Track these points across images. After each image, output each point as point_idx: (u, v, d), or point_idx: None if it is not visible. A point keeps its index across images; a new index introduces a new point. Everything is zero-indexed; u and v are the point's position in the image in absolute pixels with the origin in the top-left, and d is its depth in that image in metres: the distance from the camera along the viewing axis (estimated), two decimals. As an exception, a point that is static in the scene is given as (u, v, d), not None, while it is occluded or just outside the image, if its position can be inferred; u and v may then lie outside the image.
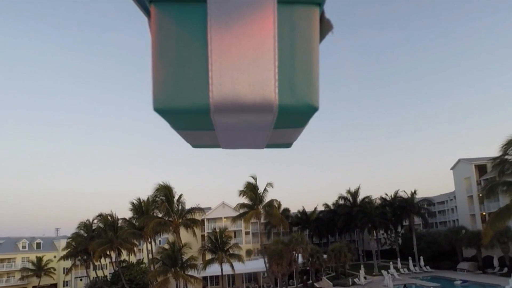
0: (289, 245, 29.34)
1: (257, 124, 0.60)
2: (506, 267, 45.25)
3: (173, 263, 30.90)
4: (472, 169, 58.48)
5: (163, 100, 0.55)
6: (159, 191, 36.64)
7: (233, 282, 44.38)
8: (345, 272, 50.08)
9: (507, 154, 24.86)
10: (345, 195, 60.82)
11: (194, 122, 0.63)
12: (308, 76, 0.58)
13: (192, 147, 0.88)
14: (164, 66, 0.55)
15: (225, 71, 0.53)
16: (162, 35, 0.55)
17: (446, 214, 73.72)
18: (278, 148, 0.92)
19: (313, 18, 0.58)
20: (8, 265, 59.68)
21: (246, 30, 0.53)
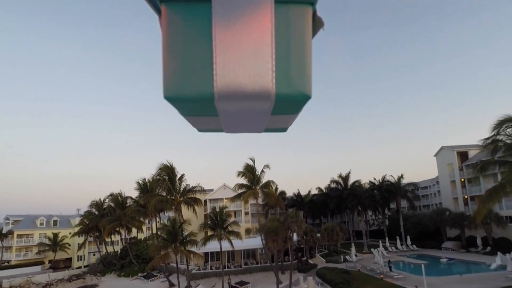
0: (285, 222, 27.40)
1: (256, 110, 0.62)
2: (489, 246, 43.57)
3: (173, 238, 28.98)
4: (454, 156, 57.26)
5: (173, 89, 0.56)
6: (162, 170, 34.63)
7: (232, 258, 43.00)
8: (337, 250, 48.82)
9: (499, 134, 22.68)
10: (337, 179, 59.41)
11: (200, 109, 0.63)
12: (302, 68, 0.59)
13: (198, 131, 0.88)
14: (174, 59, 0.57)
15: (227, 64, 0.54)
16: (172, 31, 0.57)
17: (429, 198, 72.39)
18: (275, 132, 0.91)
19: (306, 16, 0.59)
20: (26, 241, 58.19)
21: (247, 27, 0.54)
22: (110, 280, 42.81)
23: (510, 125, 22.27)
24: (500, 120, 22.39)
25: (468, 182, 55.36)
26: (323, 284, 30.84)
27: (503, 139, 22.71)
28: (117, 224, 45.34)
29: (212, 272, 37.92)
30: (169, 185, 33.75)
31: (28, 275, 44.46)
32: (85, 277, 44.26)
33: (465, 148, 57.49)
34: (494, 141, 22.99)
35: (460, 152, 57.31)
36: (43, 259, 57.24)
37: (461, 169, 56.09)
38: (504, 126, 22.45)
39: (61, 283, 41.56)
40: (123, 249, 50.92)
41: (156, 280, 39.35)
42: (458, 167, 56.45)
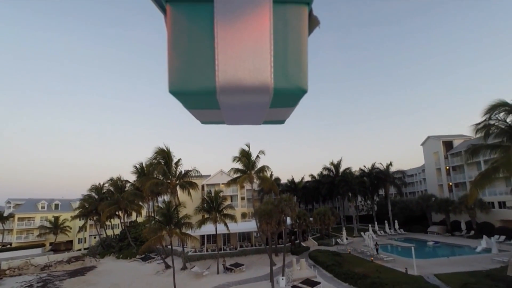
0: (278, 205, 26.08)
1: (256, 104, 0.62)
2: (473, 230, 43.05)
3: (168, 221, 27.53)
4: (440, 145, 57.06)
5: (177, 84, 0.57)
6: (158, 154, 33.01)
7: (228, 241, 41.98)
8: (329, 234, 47.90)
9: (491, 119, 21.57)
10: (329, 166, 58.15)
11: (203, 102, 0.64)
12: (298, 63, 0.60)
13: (201, 123, 0.89)
14: (178, 56, 0.57)
15: (229, 60, 0.55)
16: (176, 29, 0.57)
17: (415, 185, 72.71)
18: (273, 124, 0.92)
19: (303, 15, 0.60)
20: (27, 224, 56.29)
21: (247, 25, 0.55)
22: (109, 262, 41.56)
23: (502, 110, 21.23)
24: (493, 104, 21.30)
25: (452, 170, 55.51)
26: (315, 266, 29.86)
27: (495, 123, 21.63)
28: (115, 207, 43.83)
29: (208, 254, 36.78)
30: (164, 169, 32.18)
31: (28, 257, 42.94)
32: (84, 259, 42.99)
33: (450, 138, 57.67)
34: (486, 126, 21.87)
35: (445, 142, 57.28)
36: (44, 241, 55.61)
37: (446, 157, 56.19)
38: (496, 111, 21.42)
39: (60, 264, 40.19)
40: (122, 232, 49.51)
41: (153, 262, 38.16)
42: (443, 155, 56.43)
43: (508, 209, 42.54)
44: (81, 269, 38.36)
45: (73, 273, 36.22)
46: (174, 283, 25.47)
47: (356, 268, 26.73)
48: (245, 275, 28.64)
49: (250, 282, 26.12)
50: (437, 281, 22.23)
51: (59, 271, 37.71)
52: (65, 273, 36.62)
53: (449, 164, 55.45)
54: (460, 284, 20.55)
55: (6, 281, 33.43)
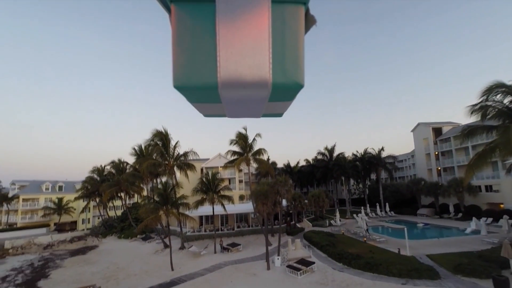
0: (274, 186, 24.83)
1: (255, 98, 0.63)
2: (461, 213, 42.41)
3: (164, 201, 26.25)
4: (429, 131, 56.38)
5: (181, 79, 0.57)
6: (155, 136, 31.41)
7: (226, 222, 41.11)
8: (323, 215, 47.24)
9: (488, 100, 20.25)
10: (323, 151, 57.11)
11: (205, 96, 0.64)
12: (295, 60, 0.60)
13: (204, 116, 0.90)
14: (182, 52, 0.57)
15: (230, 57, 0.55)
16: (180, 28, 0.58)
17: (405, 170, 72.26)
18: (272, 117, 0.93)
19: (299, 15, 0.61)
20: (32, 204, 55.13)
21: (247, 24, 0.55)
22: (110, 242, 40.59)
23: (500, 91, 19.86)
24: (490, 86, 19.91)
25: (441, 155, 55.08)
26: (310, 246, 28.98)
27: (493, 105, 20.28)
28: (116, 189, 42.52)
29: (206, 234, 35.88)
30: (161, 150, 30.66)
31: (32, 236, 41.88)
32: (86, 238, 41.95)
33: (440, 124, 57.00)
34: (483, 107, 20.52)
35: (435, 128, 56.64)
36: (49, 222, 54.52)
37: (435, 143, 55.64)
38: (493, 92, 20.05)
39: (62, 244, 39.16)
40: (123, 213, 48.38)
41: (153, 242, 37.24)
42: (433, 141, 55.88)
43: (495, 193, 41.84)
44: (83, 248, 37.34)
45: (74, 252, 35.20)
46: (171, 262, 24.45)
47: (349, 249, 25.84)
48: (241, 255, 27.72)
49: (246, 262, 25.18)
50: (429, 261, 21.30)
51: (62, 250, 36.70)
52: (67, 252, 35.59)
53: (438, 150, 54.97)
54: (452, 265, 19.64)
55: (8, 260, 32.37)
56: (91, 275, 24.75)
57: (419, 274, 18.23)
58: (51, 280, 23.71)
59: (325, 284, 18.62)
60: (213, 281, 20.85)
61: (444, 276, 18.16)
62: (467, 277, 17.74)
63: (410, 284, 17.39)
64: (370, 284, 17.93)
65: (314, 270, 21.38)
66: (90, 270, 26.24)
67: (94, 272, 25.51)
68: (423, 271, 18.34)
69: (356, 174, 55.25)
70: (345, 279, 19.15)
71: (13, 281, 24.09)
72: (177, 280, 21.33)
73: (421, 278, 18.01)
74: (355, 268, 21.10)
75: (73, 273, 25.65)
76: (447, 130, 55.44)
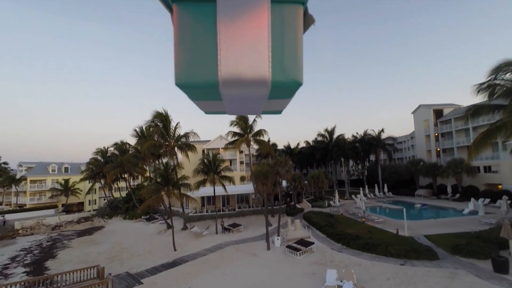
0: (274, 167, 24.34)
1: (255, 95, 0.63)
2: (458, 194, 42.05)
3: (165, 182, 25.90)
4: (430, 113, 55.38)
5: (183, 77, 0.57)
6: (155, 117, 30.63)
7: (227, 202, 41.12)
8: (322, 196, 47.05)
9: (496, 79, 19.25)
10: (323, 133, 56.23)
11: (206, 94, 0.64)
12: (294, 58, 0.60)
13: (205, 113, 0.90)
14: (184, 51, 0.57)
15: (230, 55, 0.55)
16: (182, 27, 0.58)
17: (404, 152, 71.70)
18: (271, 114, 0.93)
19: (298, 14, 0.61)
20: (39, 186, 55.36)
21: (247, 23, 0.55)
22: (116, 222, 40.90)
23: (509, 70, 18.83)
24: (499, 64, 18.86)
25: (441, 136, 54.26)
26: (309, 226, 28.89)
27: (501, 83, 19.29)
28: (120, 170, 42.32)
29: (208, 215, 35.86)
30: (162, 130, 29.98)
31: (40, 217, 42.21)
32: (93, 219, 42.27)
33: (441, 106, 55.85)
34: (490, 85, 19.54)
35: (436, 110, 55.53)
36: (57, 203, 54.91)
37: (436, 125, 54.78)
38: (502, 71, 19.01)
39: (70, 224, 39.48)
40: (127, 194, 48.46)
41: (157, 222, 37.41)
42: (433, 123, 54.96)
43: (493, 173, 41.27)
44: (89, 229, 37.67)
45: (81, 232, 35.51)
46: (173, 243, 24.46)
47: (348, 229, 25.69)
48: (242, 235, 27.72)
49: (247, 242, 25.15)
50: (427, 242, 21.05)
51: (69, 231, 37.05)
52: (74, 232, 35.93)
53: (438, 131, 54.17)
54: (450, 245, 19.40)
55: (18, 240, 32.71)
56: (97, 255, 24.89)
57: (418, 254, 17.99)
58: (58, 260, 23.85)
59: (324, 264, 18.48)
60: (214, 261, 20.81)
61: (442, 257, 17.91)
62: (465, 257, 17.47)
63: (408, 265, 17.18)
64: (368, 265, 17.76)
65: (313, 250, 21.26)
66: (96, 251, 26.40)
67: (100, 252, 25.66)
68: (421, 252, 18.08)
69: (355, 156, 54.53)
70: (343, 259, 19.00)
71: (22, 261, 24.29)
72: (180, 260, 21.33)
73: (419, 258, 17.79)
74: (353, 248, 20.94)
75: (79, 253, 25.81)
76: (448, 112, 54.45)
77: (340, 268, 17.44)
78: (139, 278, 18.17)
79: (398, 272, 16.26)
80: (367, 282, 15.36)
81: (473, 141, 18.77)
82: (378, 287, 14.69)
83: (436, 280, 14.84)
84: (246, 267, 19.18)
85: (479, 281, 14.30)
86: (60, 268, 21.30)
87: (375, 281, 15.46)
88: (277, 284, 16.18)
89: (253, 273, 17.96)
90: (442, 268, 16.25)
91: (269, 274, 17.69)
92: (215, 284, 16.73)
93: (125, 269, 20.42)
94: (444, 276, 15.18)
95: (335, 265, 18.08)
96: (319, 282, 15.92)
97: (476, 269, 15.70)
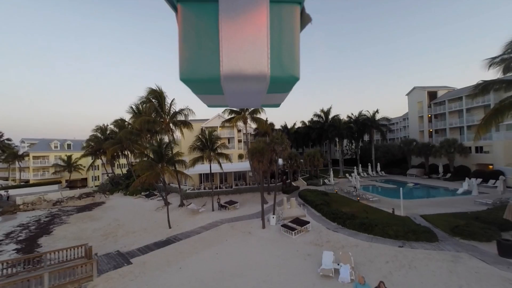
0: (270, 144, 22.34)
1: (255, 89, 0.63)
2: (450, 173, 40.49)
3: (159, 158, 23.85)
4: (425, 95, 53.56)
5: (187, 72, 0.58)
6: (150, 94, 28.02)
7: (225, 180, 39.46)
8: (317, 174, 45.53)
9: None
10: (319, 113, 53.68)
11: (209, 88, 0.65)
12: (292, 55, 0.61)
13: (208, 107, 0.90)
14: (188, 48, 0.58)
15: (231, 52, 0.56)
16: (186, 25, 0.58)
17: (396, 133, 70.50)
18: (270, 107, 0.92)
19: (295, 13, 0.61)
20: (42, 162, 53.19)
21: (247, 22, 0.56)
22: (116, 198, 39.33)
23: None
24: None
25: (434, 117, 52.72)
26: (305, 204, 27.30)
27: None
28: (119, 147, 40.20)
29: (205, 192, 34.22)
30: (155, 106, 27.54)
31: (42, 193, 40.53)
32: (94, 195, 40.66)
33: (435, 88, 53.97)
34: (505, 59, 17.15)
35: (430, 92, 53.74)
36: (60, 179, 53.07)
37: (429, 106, 53.19)
38: None
39: (71, 200, 37.89)
40: (128, 171, 46.71)
41: (155, 199, 35.86)
42: (427, 104, 53.27)
43: (485, 154, 39.53)
44: (90, 204, 36.13)
45: (82, 208, 33.94)
46: (168, 220, 22.87)
47: (343, 207, 24.12)
48: (238, 213, 26.15)
49: (243, 220, 23.56)
50: (424, 222, 19.47)
51: (70, 207, 35.46)
52: (74, 208, 34.35)
53: (432, 112, 52.47)
54: (449, 226, 17.81)
55: (19, 215, 31.16)
56: (92, 232, 23.32)
57: (416, 236, 16.35)
58: (52, 237, 22.26)
59: (320, 245, 16.88)
60: (208, 239, 19.24)
61: (441, 238, 16.30)
62: (466, 239, 15.86)
63: (407, 247, 15.57)
64: (366, 246, 16.15)
65: (308, 229, 19.66)
66: (92, 227, 24.83)
67: (96, 229, 24.09)
68: (420, 233, 16.43)
69: (350, 135, 52.56)
70: (339, 240, 17.41)
71: (16, 237, 22.70)
72: (173, 239, 19.74)
73: (419, 240, 16.17)
74: (349, 228, 19.33)
75: (75, 229, 24.24)
76: (442, 94, 52.67)
77: (336, 249, 15.87)
78: (129, 257, 16.55)
79: (397, 255, 14.65)
80: (365, 265, 13.76)
81: (483, 117, 16.62)
82: (377, 271, 13.07)
83: (438, 264, 13.24)
84: (240, 246, 17.61)
85: (485, 266, 12.67)
86: (53, 245, 19.73)
87: (374, 264, 13.86)
88: (271, 265, 14.59)
89: (247, 253, 16.38)
90: (443, 251, 14.63)
91: (263, 254, 16.10)
92: (207, 264, 15.15)
93: (119, 247, 18.88)
94: (446, 260, 13.57)
95: (331, 246, 16.51)
96: (315, 264, 14.35)
97: (479, 253, 14.08)
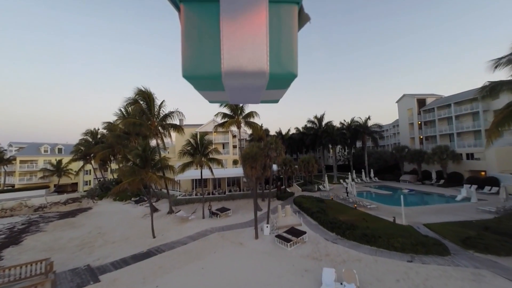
0: (264, 149, 19.87)
1: (254, 86, 0.63)
2: (443, 180, 38.56)
3: (144, 163, 21.07)
4: (414, 102, 52.63)
5: (189, 70, 0.58)
6: (137, 95, 25.43)
7: (219, 185, 36.79)
8: (312, 180, 43.16)
9: None
10: (313, 119, 51.89)
11: (211, 85, 0.65)
12: (290, 52, 0.61)
13: (209, 103, 0.89)
14: (190, 46, 0.58)
15: (232, 50, 0.56)
16: (189, 24, 0.58)
17: (387, 139, 69.12)
18: (269, 103, 0.93)
19: (293, 13, 0.62)
20: (30, 166, 49.26)
21: (247, 21, 0.56)
22: (105, 204, 36.14)
23: None
24: None
25: (424, 124, 51.24)
26: (300, 212, 24.76)
27: None
28: (109, 151, 37.23)
29: (196, 198, 31.34)
30: (143, 108, 24.95)
31: (25, 198, 37.00)
32: (81, 200, 37.43)
33: (424, 96, 52.97)
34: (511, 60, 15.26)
35: (419, 99, 52.85)
36: (49, 183, 49.26)
37: (419, 113, 52.10)
38: None
39: (55, 205, 34.59)
40: (118, 176, 43.50)
41: (144, 205, 32.87)
42: (417, 111, 52.15)
43: (476, 160, 37.85)
44: (75, 210, 32.91)
45: (65, 214, 30.69)
46: (152, 229, 20.01)
47: (341, 215, 21.70)
48: (230, 220, 23.39)
49: (234, 229, 20.83)
50: (429, 232, 17.13)
51: (53, 212, 32.18)
52: (57, 214, 31.08)
53: (422, 120, 51.04)
54: (457, 237, 15.50)
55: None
56: (67, 241, 20.28)
57: (426, 249, 13.94)
58: (19, 247, 19.11)
59: (318, 259, 14.32)
60: (194, 251, 16.48)
61: (453, 252, 13.92)
62: (481, 253, 13.50)
63: (417, 261, 13.13)
64: (370, 261, 13.66)
65: (305, 240, 17.10)
66: (69, 236, 21.76)
67: (73, 238, 21.05)
68: (431, 246, 14.03)
69: (343, 142, 50.80)
70: (340, 253, 14.89)
71: (-20, 247, 19.52)
72: (155, 250, 16.93)
73: (429, 254, 13.75)
74: (350, 239, 16.82)
75: (49, 238, 21.13)
76: (431, 101, 51.70)
77: (337, 264, 13.34)
78: (99, 273, 13.66)
79: (408, 272, 12.20)
80: (373, 285, 11.26)
81: (494, 120, 14.55)
82: (388, 293, 10.61)
83: (458, 284, 10.81)
84: (229, 260, 14.91)
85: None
86: (17, 257, 16.71)
87: (383, 283, 11.36)
88: (264, 283, 11.98)
89: (236, 268, 13.71)
90: (459, 267, 12.24)
91: (255, 269, 13.46)
92: (190, 282, 12.41)
93: (91, 260, 15.96)
94: (467, 279, 11.17)
95: (330, 260, 13.97)
96: (314, 282, 11.79)
97: (502, 269, 11.72)
